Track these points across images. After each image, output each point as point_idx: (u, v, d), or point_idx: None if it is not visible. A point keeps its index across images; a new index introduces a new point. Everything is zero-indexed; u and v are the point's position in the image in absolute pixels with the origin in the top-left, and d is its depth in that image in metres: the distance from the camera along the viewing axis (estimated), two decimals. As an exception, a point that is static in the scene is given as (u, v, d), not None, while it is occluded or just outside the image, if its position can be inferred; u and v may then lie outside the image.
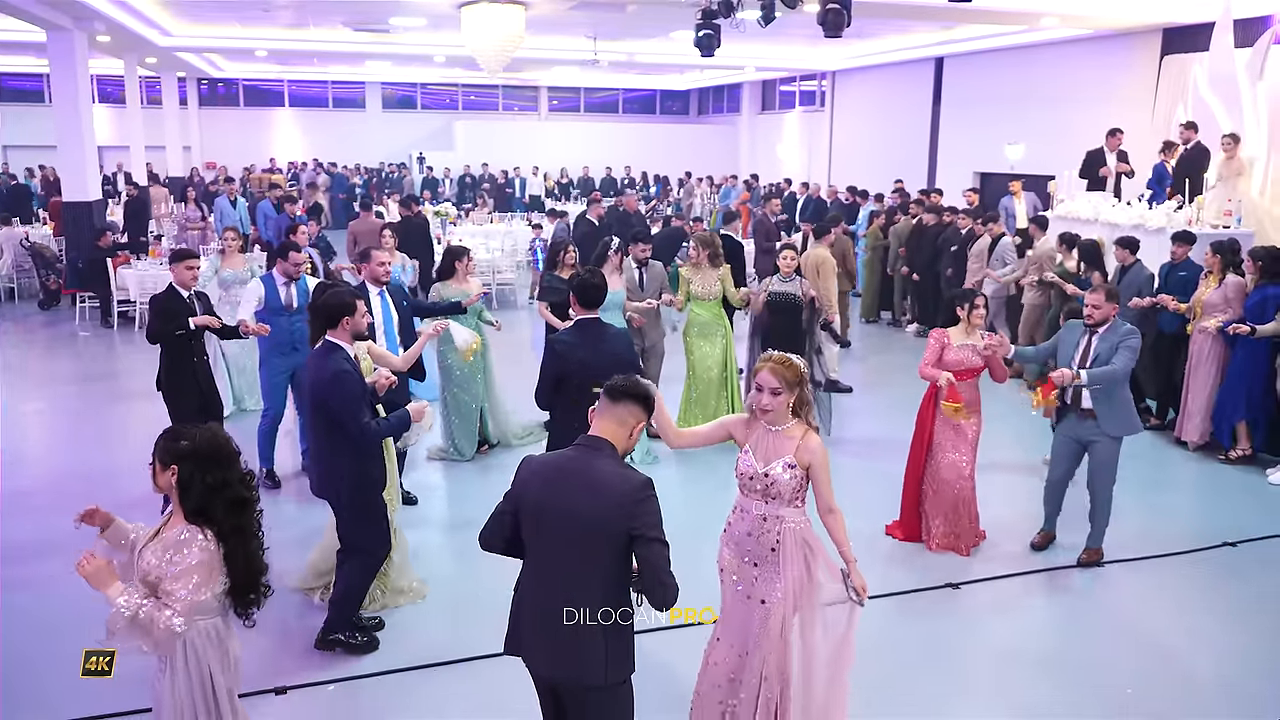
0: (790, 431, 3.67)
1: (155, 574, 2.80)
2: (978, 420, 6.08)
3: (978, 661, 4.88)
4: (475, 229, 17.05)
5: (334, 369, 4.32)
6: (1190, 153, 10.55)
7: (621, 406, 3.09)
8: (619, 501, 2.91)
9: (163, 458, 2.85)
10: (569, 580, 2.98)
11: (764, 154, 26.93)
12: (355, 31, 17.92)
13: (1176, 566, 5.99)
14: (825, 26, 8.88)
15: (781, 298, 7.39)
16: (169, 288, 6.45)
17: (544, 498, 3.01)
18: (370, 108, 29.99)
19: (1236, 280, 7.84)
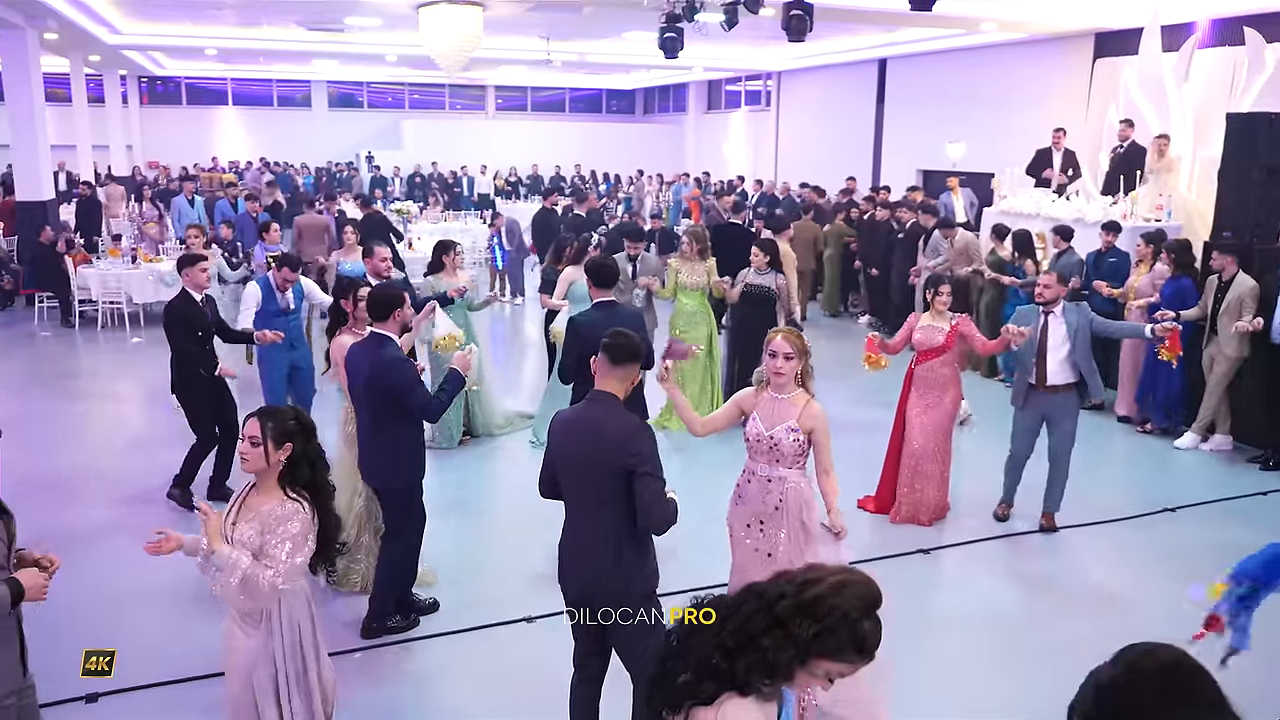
0: (795, 399, 4.09)
1: (254, 545, 3.04)
2: (953, 399, 6.51)
3: (949, 618, 5.32)
4: (431, 227, 17.21)
5: (391, 357, 4.58)
6: (1127, 150, 11.19)
7: (621, 367, 3.52)
8: (618, 443, 3.37)
9: (277, 438, 3.09)
10: (590, 513, 3.46)
11: (710, 153, 27.40)
12: (309, 31, 17.92)
13: (1125, 531, 6.53)
14: (789, 31, 9.32)
15: (756, 289, 7.83)
16: (183, 293, 6.57)
17: (564, 446, 3.50)
18: (316, 106, 29.83)
19: (1161, 268, 8.54)
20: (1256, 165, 8.48)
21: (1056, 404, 6.24)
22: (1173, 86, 12.15)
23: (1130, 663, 1.57)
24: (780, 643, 1.91)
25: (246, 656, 3.14)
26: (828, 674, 1.96)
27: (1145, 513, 6.78)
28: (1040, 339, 6.19)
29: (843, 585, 1.95)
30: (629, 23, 17.38)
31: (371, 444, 4.74)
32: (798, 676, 1.96)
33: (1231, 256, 7.96)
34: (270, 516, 3.07)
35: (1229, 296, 7.86)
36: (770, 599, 1.97)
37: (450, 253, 7.98)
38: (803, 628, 1.90)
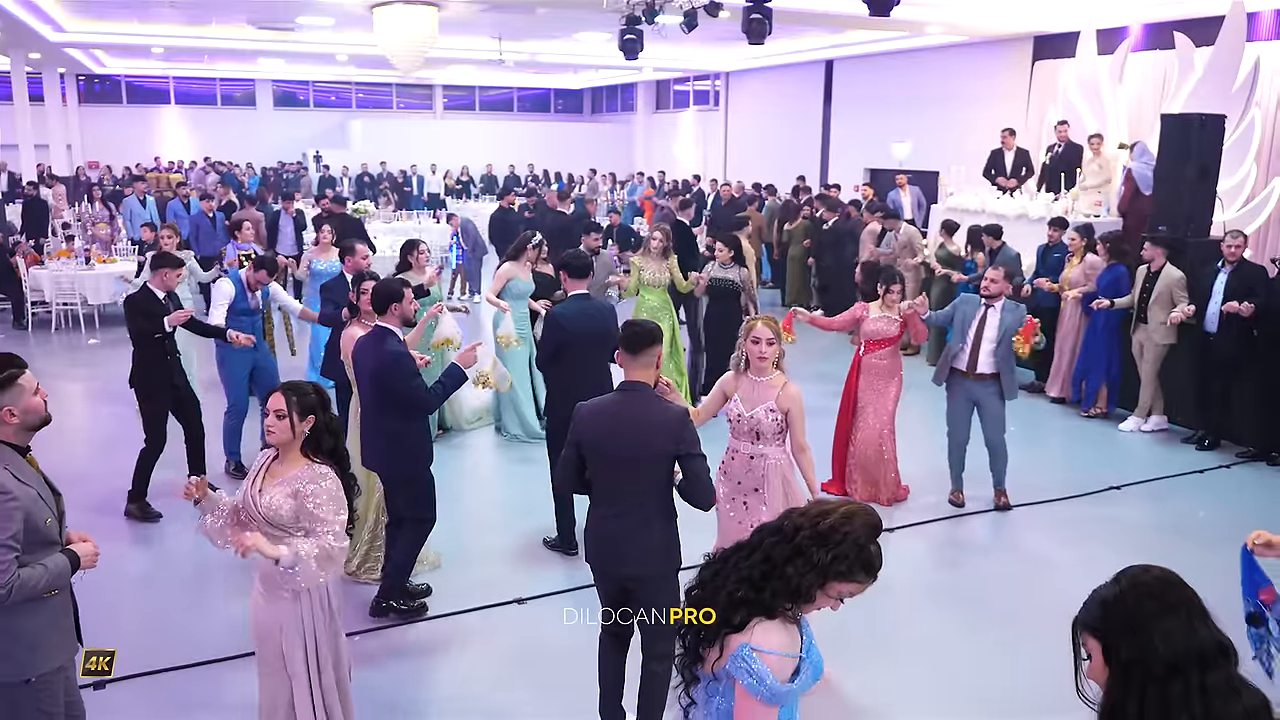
0: (773, 381, 4.44)
1: (289, 512, 3.21)
2: (898, 385, 6.85)
3: (913, 593, 5.63)
4: (384, 226, 17.21)
5: (392, 351, 4.74)
6: (1065, 150, 11.70)
7: (643, 354, 3.75)
8: (666, 431, 3.60)
9: (302, 411, 3.27)
10: (628, 496, 3.67)
11: (660, 151, 27.70)
12: (258, 30, 17.82)
13: (1073, 508, 6.92)
14: (749, 34, 9.62)
15: (721, 283, 8.13)
16: (144, 288, 6.57)
17: (601, 435, 3.67)
18: (261, 105, 29.52)
19: (1093, 258, 9.06)
20: (1189, 163, 8.99)
21: (983, 390, 6.59)
22: (1108, 88, 12.71)
23: (1130, 578, 1.85)
24: (802, 569, 2.20)
25: (278, 624, 3.30)
26: (840, 595, 2.27)
27: (1093, 490, 7.19)
28: (978, 329, 6.54)
29: (851, 515, 2.25)
30: (581, 23, 17.60)
31: (373, 432, 4.90)
32: (817, 598, 2.25)
33: (1161, 249, 8.43)
34: (300, 479, 3.25)
35: (1158, 286, 8.32)
36: (789, 533, 2.26)
37: (415, 251, 8.10)
38: (821, 554, 2.20)
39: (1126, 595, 1.83)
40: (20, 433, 3.04)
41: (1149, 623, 1.77)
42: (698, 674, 2.31)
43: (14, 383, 3.01)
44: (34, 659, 3.01)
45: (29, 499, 2.96)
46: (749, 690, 2.18)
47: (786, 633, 2.25)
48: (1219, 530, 6.18)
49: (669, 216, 14.31)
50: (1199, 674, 1.72)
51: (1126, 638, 1.78)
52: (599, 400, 3.81)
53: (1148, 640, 1.75)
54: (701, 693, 2.31)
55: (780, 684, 2.19)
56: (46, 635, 3.04)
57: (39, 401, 3.07)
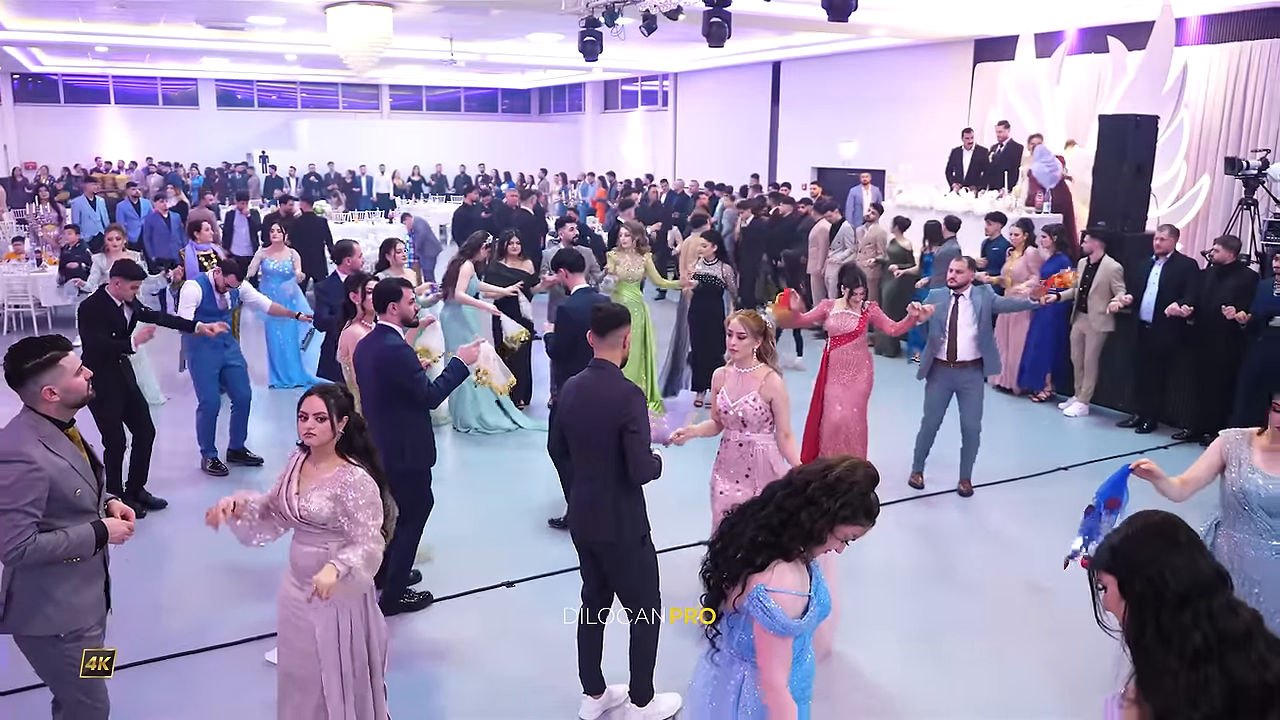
0: (756, 373, 4.69)
1: (328, 514, 3.35)
2: (866, 377, 7.16)
3: (882, 571, 5.95)
4: (336, 228, 17.14)
5: (393, 346, 4.89)
6: (1006, 149, 12.19)
7: (609, 335, 4.06)
8: (617, 405, 3.90)
9: (338, 410, 3.42)
10: (591, 466, 3.98)
11: (608, 151, 27.92)
12: (207, 29, 17.67)
13: (1026, 488, 7.33)
14: (709, 38, 9.91)
15: (705, 279, 8.41)
16: (101, 295, 6.43)
17: (570, 409, 4.02)
18: (204, 105, 29.11)
19: (1034, 251, 9.56)
20: (1126, 162, 9.48)
21: (964, 378, 6.95)
22: (1046, 90, 13.26)
23: (1138, 523, 2.16)
24: (814, 515, 2.54)
25: (315, 617, 3.42)
26: (845, 538, 2.61)
27: (1043, 471, 7.61)
28: (951, 319, 6.90)
29: (854, 467, 2.61)
30: (534, 24, 17.77)
31: (375, 429, 4.98)
32: (827, 541, 2.58)
33: (1099, 241, 8.92)
34: (340, 483, 3.38)
35: (1097, 278, 8.81)
36: (799, 486, 2.60)
37: (392, 249, 8.20)
38: (830, 502, 2.54)
39: (1137, 536, 2.13)
40: (62, 409, 3.21)
41: (1159, 559, 2.06)
42: (722, 611, 2.60)
43: (56, 364, 3.18)
44: (64, 618, 3.23)
45: (57, 470, 3.14)
46: (764, 626, 2.49)
47: (798, 574, 2.56)
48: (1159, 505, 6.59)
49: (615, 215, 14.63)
50: (1205, 600, 2.01)
51: (1139, 573, 2.07)
52: (575, 376, 4.12)
53: (1159, 574, 2.05)
54: (725, 625, 2.62)
55: (791, 619, 2.50)
56: (75, 597, 3.24)
57: (81, 382, 3.24)
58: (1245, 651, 1.97)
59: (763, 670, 2.52)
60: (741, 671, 2.63)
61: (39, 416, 3.19)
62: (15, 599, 3.20)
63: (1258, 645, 1.99)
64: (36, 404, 3.18)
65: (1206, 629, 1.99)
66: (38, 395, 3.17)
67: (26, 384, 3.16)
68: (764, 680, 2.52)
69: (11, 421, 3.23)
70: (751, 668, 2.59)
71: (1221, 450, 3.67)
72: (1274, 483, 3.53)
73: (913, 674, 4.75)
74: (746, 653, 2.60)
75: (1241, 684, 1.93)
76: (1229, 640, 1.98)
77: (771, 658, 2.50)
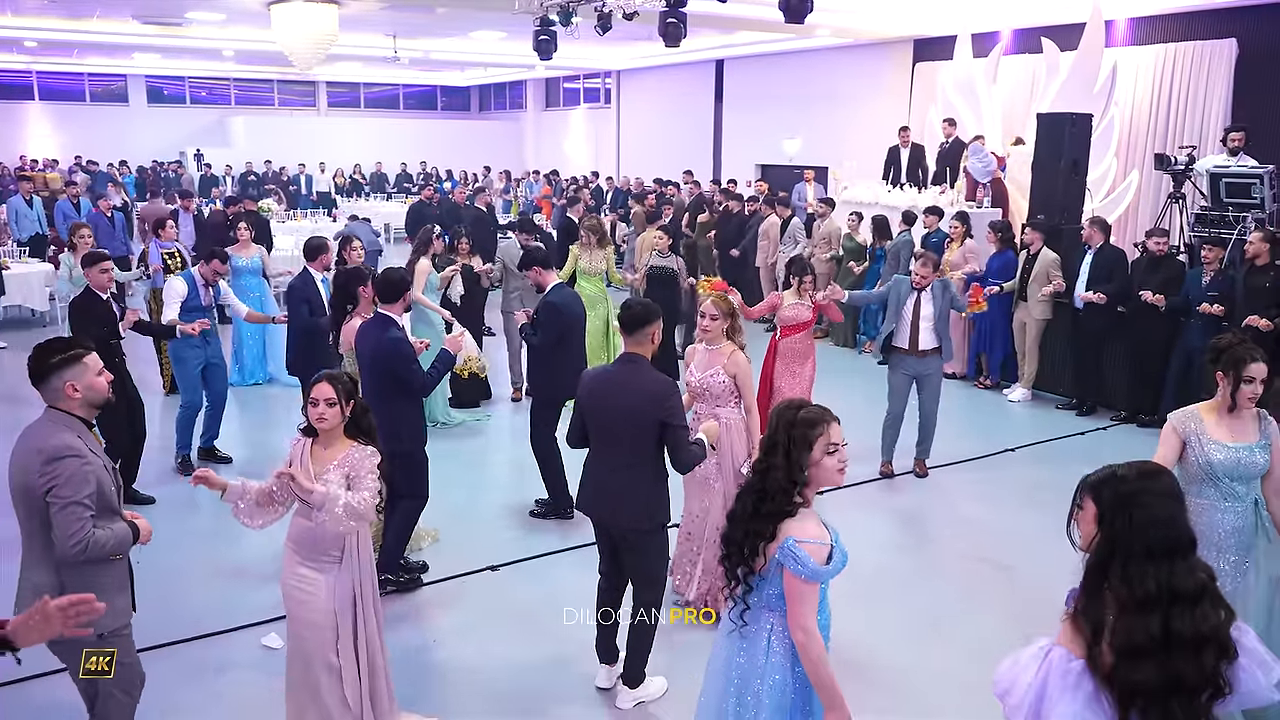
0: (722, 350, 5.02)
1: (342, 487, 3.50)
2: (812, 366, 7.43)
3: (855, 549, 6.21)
4: (279, 226, 16.95)
5: (392, 338, 5.02)
6: (950, 146, 12.61)
7: (637, 333, 4.22)
8: (654, 399, 4.05)
9: (346, 395, 3.57)
10: (619, 456, 4.12)
11: (550, 149, 27.96)
12: (143, 24, 17.34)
13: (978, 469, 7.67)
14: (665, 38, 10.11)
15: (661, 271, 8.61)
16: (86, 291, 6.48)
17: (597, 400, 4.16)
18: (134, 102, 28.43)
19: (971, 243, 10.03)
20: (1063, 158, 9.92)
21: (925, 365, 7.25)
22: (983, 88, 13.73)
23: (1139, 468, 2.34)
24: (782, 456, 2.81)
25: (327, 590, 3.56)
26: (828, 450, 2.83)
27: (992, 453, 7.97)
28: (914, 309, 7.18)
29: (782, 407, 2.91)
30: (478, 22, 17.79)
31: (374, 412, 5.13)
32: (813, 476, 2.84)
33: (1038, 233, 9.35)
34: (350, 460, 3.55)
35: (1036, 267, 9.23)
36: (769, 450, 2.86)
37: (349, 247, 8.21)
38: (781, 434, 2.83)
39: (1133, 479, 2.29)
40: (84, 408, 3.26)
41: (1145, 508, 2.23)
42: (750, 583, 2.85)
43: (79, 361, 3.22)
44: (108, 617, 3.22)
45: (98, 467, 3.20)
46: (795, 574, 2.73)
47: (815, 524, 2.81)
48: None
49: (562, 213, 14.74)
50: (1170, 559, 2.19)
51: (1121, 513, 2.24)
52: (601, 368, 4.30)
53: (1140, 522, 2.21)
54: (757, 581, 2.85)
55: (819, 565, 2.74)
56: (113, 596, 3.27)
57: (102, 382, 3.28)
58: (1191, 608, 2.16)
59: (794, 615, 2.75)
60: (770, 620, 2.86)
61: (66, 414, 3.23)
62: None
63: (1204, 603, 2.18)
64: (59, 401, 3.22)
65: (1163, 582, 2.17)
66: (60, 392, 3.20)
67: (50, 380, 3.20)
68: (796, 624, 2.75)
69: (39, 423, 3.25)
70: (779, 616, 2.83)
71: (1177, 431, 3.91)
72: (1231, 449, 3.82)
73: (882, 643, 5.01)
74: (775, 604, 2.82)
75: (1178, 634, 2.13)
76: (1180, 597, 2.16)
77: (801, 603, 2.74)
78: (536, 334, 6.13)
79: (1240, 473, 3.83)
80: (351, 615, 3.59)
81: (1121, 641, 2.14)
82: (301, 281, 7.23)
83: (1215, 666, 2.13)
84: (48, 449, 3.12)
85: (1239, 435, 3.84)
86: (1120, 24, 13.25)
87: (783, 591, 2.78)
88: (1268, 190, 8.91)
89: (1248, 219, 8.92)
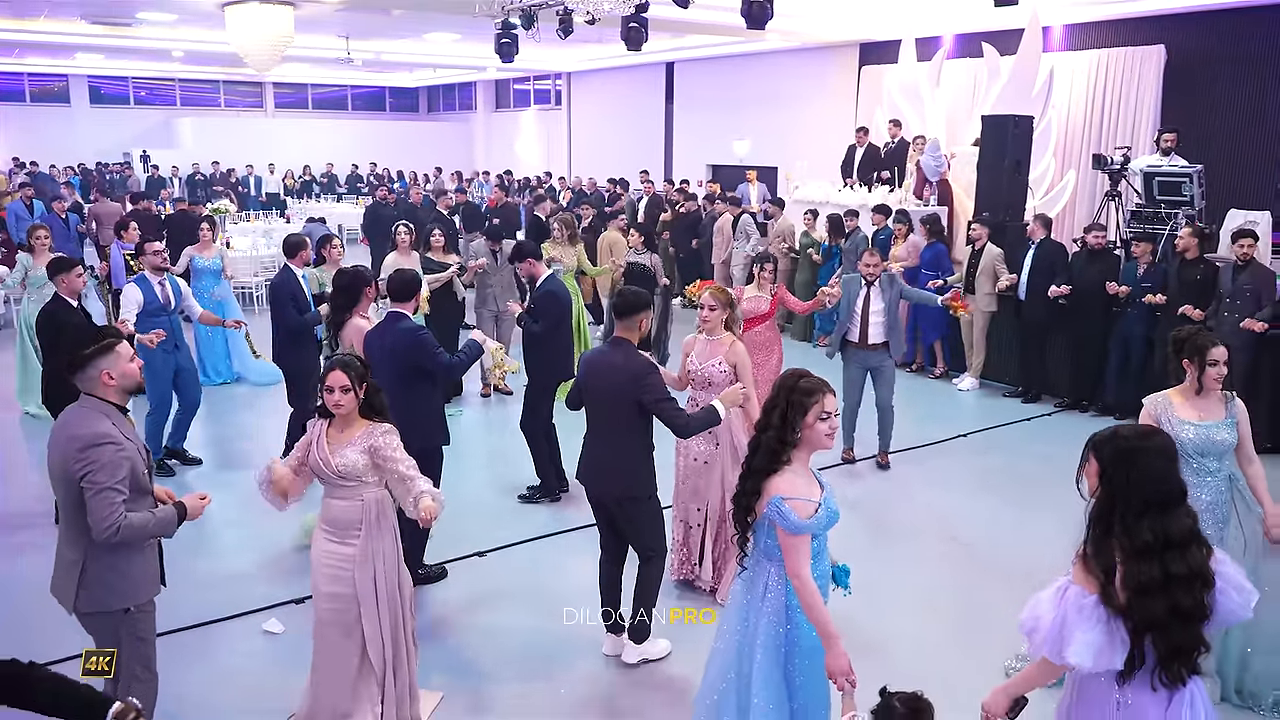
0: (723, 340, 5.29)
1: (364, 465, 3.74)
2: (778, 357, 7.76)
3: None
4: (232, 228, 16.90)
5: (410, 327, 5.22)
6: (896, 146, 13.08)
7: (626, 319, 4.59)
8: (632, 378, 4.43)
9: (358, 380, 3.79)
10: (607, 431, 4.52)
11: (501, 150, 28.08)
12: (91, 24, 17.16)
13: (934, 455, 8.09)
14: (628, 43, 10.40)
15: (635, 267, 8.92)
16: (56, 299, 6.33)
17: (590, 379, 4.57)
18: (76, 102, 27.95)
19: (913, 239, 10.55)
20: (1007, 158, 10.42)
21: (876, 357, 7.61)
22: (927, 91, 14.24)
23: (1141, 430, 2.73)
24: (777, 418, 3.16)
25: (356, 562, 3.80)
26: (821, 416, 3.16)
27: (945, 438, 8.39)
28: (864, 305, 7.54)
29: (786, 375, 3.25)
30: (434, 24, 17.89)
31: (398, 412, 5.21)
32: (806, 438, 3.16)
33: (984, 229, 9.83)
34: (371, 436, 3.79)
35: (981, 262, 9.72)
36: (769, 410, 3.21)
37: (329, 245, 8.32)
38: (781, 401, 3.17)
39: (1129, 437, 2.66)
40: (119, 394, 3.45)
41: (1137, 461, 2.60)
42: (749, 535, 3.21)
43: (112, 350, 3.42)
44: (134, 591, 3.47)
45: (133, 451, 3.40)
46: (784, 528, 3.08)
47: (805, 482, 3.16)
48: (1048, 464, 7.44)
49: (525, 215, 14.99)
50: (1164, 511, 2.57)
51: (1118, 467, 2.62)
52: (597, 349, 4.70)
53: (1139, 478, 2.58)
54: (754, 532, 3.23)
55: (803, 520, 3.08)
56: (141, 572, 3.50)
57: (134, 369, 3.48)
58: (1183, 551, 2.56)
59: (788, 563, 3.10)
60: (768, 570, 3.22)
61: (103, 402, 3.41)
62: (88, 579, 3.38)
63: (1193, 546, 2.57)
64: (95, 389, 3.40)
65: (1158, 532, 2.55)
66: (96, 380, 3.39)
67: (86, 369, 3.38)
68: (791, 571, 3.10)
69: (75, 409, 3.42)
70: (777, 566, 3.18)
71: (1151, 415, 4.31)
72: (1200, 427, 4.26)
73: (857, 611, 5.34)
74: (771, 553, 3.18)
75: (1175, 575, 2.54)
76: (1173, 544, 2.55)
77: (793, 553, 3.08)
78: (538, 322, 6.42)
79: (1211, 449, 4.25)
80: (373, 591, 3.82)
81: (1131, 583, 2.54)
82: (284, 278, 7.32)
83: (1203, 596, 2.54)
84: (84, 436, 3.30)
85: (1207, 414, 4.26)
86: (1056, 30, 13.85)
87: (777, 543, 3.13)
88: (1196, 188, 9.49)
89: (1179, 215, 9.48)
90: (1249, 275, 7.77)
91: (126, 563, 3.43)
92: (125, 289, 7.37)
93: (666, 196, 15.62)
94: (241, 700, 4.47)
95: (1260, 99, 12.01)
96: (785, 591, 3.17)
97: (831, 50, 17.37)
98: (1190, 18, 12.45)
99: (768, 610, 3.19)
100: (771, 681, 3.15)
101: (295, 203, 23.38)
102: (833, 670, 3.06)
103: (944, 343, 10.46)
